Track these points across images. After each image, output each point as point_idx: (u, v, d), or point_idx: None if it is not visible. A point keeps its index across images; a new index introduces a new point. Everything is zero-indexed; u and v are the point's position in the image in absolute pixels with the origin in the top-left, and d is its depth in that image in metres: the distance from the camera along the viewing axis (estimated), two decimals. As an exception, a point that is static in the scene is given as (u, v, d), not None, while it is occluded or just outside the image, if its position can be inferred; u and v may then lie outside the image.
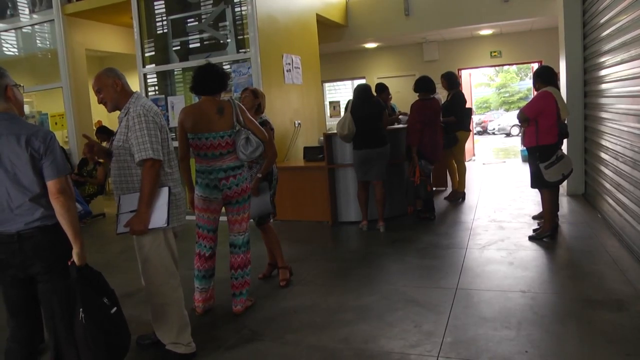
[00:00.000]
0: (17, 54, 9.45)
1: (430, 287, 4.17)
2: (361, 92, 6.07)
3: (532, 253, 4.85)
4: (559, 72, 6.90)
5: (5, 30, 9.24)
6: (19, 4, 9.03)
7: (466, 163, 7.99)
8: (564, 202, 6.67)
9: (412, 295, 4.00)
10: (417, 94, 6.45)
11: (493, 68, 28.37)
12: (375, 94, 6.50)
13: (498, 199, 7.45)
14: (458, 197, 7.52)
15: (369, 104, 5.95)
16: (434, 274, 4.49)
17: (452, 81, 7.45)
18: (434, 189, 6.77)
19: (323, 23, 9.46)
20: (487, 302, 3.77)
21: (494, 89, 37.17)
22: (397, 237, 5.78)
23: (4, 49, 9.52)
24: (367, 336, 3.35)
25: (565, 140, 5.80)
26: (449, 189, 7.97)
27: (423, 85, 6.40)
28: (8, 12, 9.09)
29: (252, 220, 4.09)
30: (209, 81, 3.66)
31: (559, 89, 5.42)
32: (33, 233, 2.46)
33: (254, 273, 4.18)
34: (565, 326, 3.31)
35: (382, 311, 3.73)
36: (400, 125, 6.97)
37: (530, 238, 5.22)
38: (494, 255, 4.82)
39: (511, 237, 5.39)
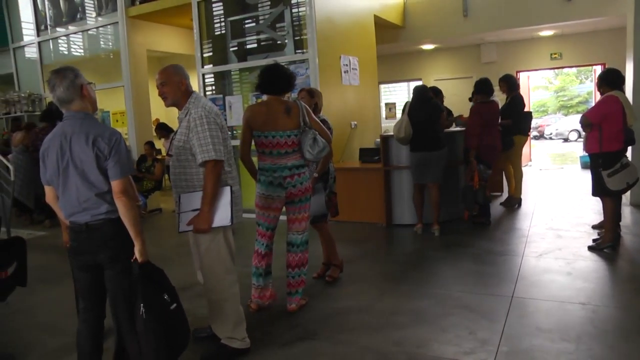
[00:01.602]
0: (82, 54, 9.93)
1: (485, 294, 4.12)
2: (419, 94, 6.03)
3: (592, 264, 4.70)
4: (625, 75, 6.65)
5: (74, 33, 9.72)
6: (87, 8, 9.47)
7: (523, 168, 7.81)
8: (626, 212, 6.43)
9: (467, 301, 3.96)
10: (476, 96, 6.36)
11: (552, 70, 27.47)
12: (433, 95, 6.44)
13: (556, 206, 7.26)
14: (514, 203, 7.36)
15: (427, 106, 5.91)
16: (489, 280, 4.43)
17: (511, 84, 7.30)
18: (491, 194, 6.66)
19: (380, 24, 9.44)
20: (544, 312, 3.69)
21: (552, 92, 35.97)
22: (451, 241, 5.73)
23: (72, 50, 10.01)
24: (420, 340, 3.35)
25: (630, 148, 5.59)
26: (505, 195, 7.81)
27: (483, 88, 6.31)
28: (78, 16, 9.58)
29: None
30: (276, 81, 3.72)
31: (624, 93, 5.24)
32: (99, 225, 2.61)
33: (308, 272, 4.24)
34: (630, 343, 3.19)
35: (435, 316, 3.72)
36: (458, 128, 6.88)
37: (590, 248, 5.06)
38: (551, 265, 4.71)
39: (569, 246, 5.24)
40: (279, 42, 7.44)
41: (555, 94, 35.56)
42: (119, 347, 2.69)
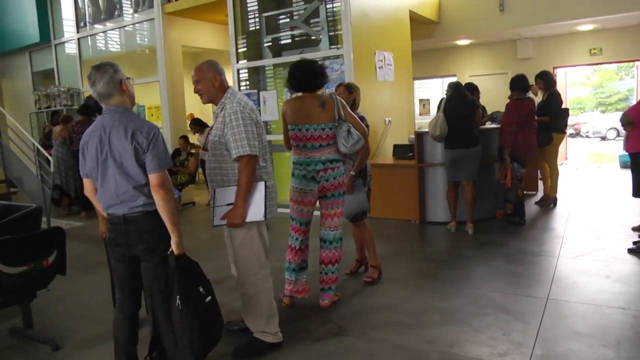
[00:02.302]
0: (119, 50, 10.14)
1: (519, 294, 4.05)
2: (454, 91, 5.96)
3: (632, 267, 4.57)
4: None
5: (111, 29, 9.94)
6: (124, 5, 9.66)
7: (559, 167, 7.64)
8: (669, 214, 6.24)
9: (500, 301, 3.90)
10: (512, 93, 6.25)
11: (590, 67, 26.72)
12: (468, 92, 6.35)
13: (593, 206, 7.09)
14: (549, 202, 7.21)
15: (462, 103, 5.83)
16: (523, 281, 4.35)
17: (548, 81, 7.14)
18: (524, 192, 6.55)
19: (415, 19, 9.34)
20: (581, 315, 3.60)
21: (589, 89, 35.00)
22: (485, 240, 5.65)
23: (109, 45, 10.24)
24: (452, 340, 3.32)
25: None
26: (540, 193, 7.67)
27: (518, 84, 6.20)
28: (116, 13, 9.80)
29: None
30: (311, 78, 3.73)
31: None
32: (136, 217, 2.67)
33: (341, 268, 4.25)
34: (674, 351, 3.07)
35: (468, 315, 3.68)
36: (493, 125, 6.78)
37: (630, 251, 4.92)
38: (588, 267, 4.60)
39: (607, 248, 5.11)
40: (313, 37, 7.44)
41: (593, 90, 34.59)
42: (154, 337, 2.74)
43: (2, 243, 3.48)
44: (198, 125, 8.74)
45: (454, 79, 10.17)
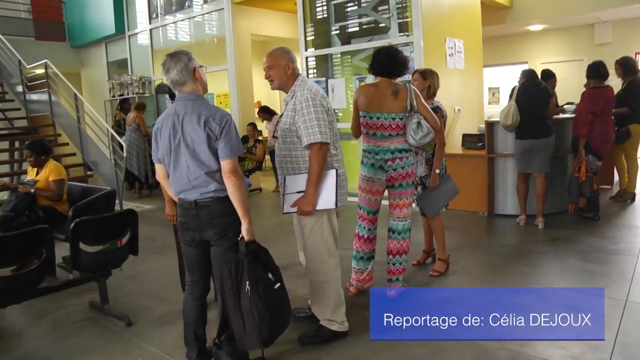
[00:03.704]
0: (189, 40, 10.41)
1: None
2: (527, 79, 5.71)
3: None
4: None
5: (182, 20, 10.21)
6: (194, -4, 9.93)
7: (639, 160, 7.20)
8: None
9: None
10: (588, 81, 5.92)
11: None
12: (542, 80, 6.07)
13: (677, 203, 6.64)
14: (627, 197, 6.80)
15: (536, 92, 5.58)
16: (599, 280, 4.12)
17: (628, 67, 6.67)
18: (599, 186, 6.23)
19: (487, 4, 9.02)
20: (666, 320, 3.37)
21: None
22: (556, 235, 5.40)
23: (179, 36, 10.54)
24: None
25: None
26: (616, 188, 7.25)
27: (597, 71, 5.85)
28: (186, 4, 10.07)
29: (414, 206, 4.07)
30: (390, 64, 3.66)
31: None
32: (208, 202, 2.71)
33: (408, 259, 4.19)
34: None
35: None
36: (567, 115, 6.46)
37: None
38: (673, 267, 4.31)
39: (693, 247, 4.77)
40: (382, 24, 7.33)
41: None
42: (223, 320, 2.78)
43: (82, 223, 3.65)
44: (266, 112, 8.85)
45: (525, 67, 9.73)
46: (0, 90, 10.80)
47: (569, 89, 9.03)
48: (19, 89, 10.38)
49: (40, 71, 9.73)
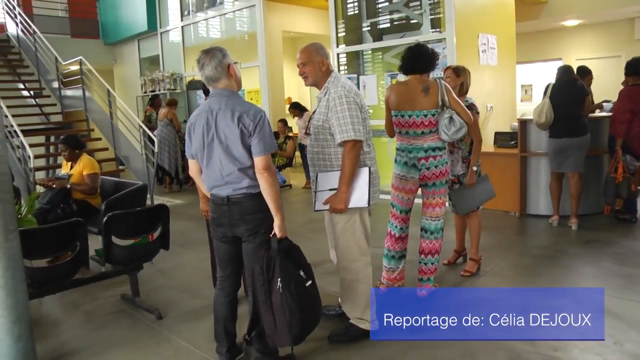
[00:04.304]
0: (220, 37, 10.48)
1: (632, 300, 3.72)
2: (563, 75, 5.57)
3: None
4: None
5: (213, 17, 10.29)
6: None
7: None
8: None
9: (610, 306, 3.57)
10: (627, 78, 5.74)
11: None
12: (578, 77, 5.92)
13: None
14: (667, 199, 6.60)
15: (572, 89, 5.44)
16: (636, 286, 3.99)
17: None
18: (637, 187, 6.05)
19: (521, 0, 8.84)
20: None
21: None
22: (591, 237, 5.27)
23: (210, 32, 10.63)
24: (557, 343, 3.11)
25: None
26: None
27: (636, 68, 5.67)
28: (217, 1, 10.15)
29: (447, 205, 4.02)
30: (415, 61, 3.63)
31: None
32: (240, 198, 2.70)
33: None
34: None
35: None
36: (604, 114, 6.29)
37: None
38: None
39: None
40: (414, 21, 7.26)
41: None
42: (254, 317, 2.78)
43: (114, 217, 3.71)
44: (297, 109, 8.85)
45: (559, 63, 9.51)
46: (38, 86, 11.08)
47: (605, 87, 8.78)
48: (55, 85, 10.63)
49: (75, 68, 9.94)
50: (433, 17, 7.04)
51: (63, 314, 4.06)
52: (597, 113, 6.37)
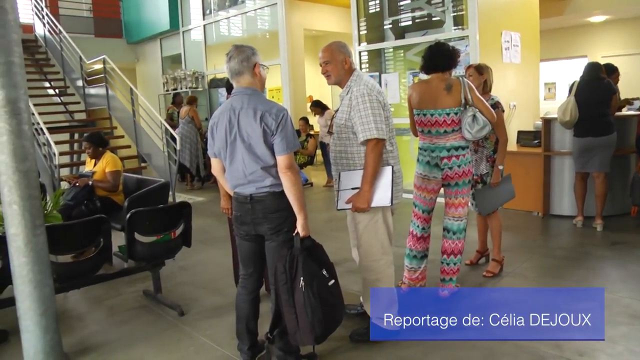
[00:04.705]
0: (241, 35, 10.53)
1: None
2: (590, 73, 5.46)
3: None
4: None
5: (234, 15, 10.34)
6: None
7: None
8: None
9: (639, 310, 3.53)
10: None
11: None
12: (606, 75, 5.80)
13: None
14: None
15: (598, 87, 5.34)
16: (666, 290, 3.90)
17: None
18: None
19: (545, -4, 8.70)
20: None
21: None
22: (617, 239, 5.16)
23: (232, 31, 10.69)
24: (583, 347, 3.05)
25: None
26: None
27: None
28: (239, 0, 10.20)
29: (470, 205, 3.98)
30: (438, 58, 3.60)
31: None
32: (263, 197, 2.70)
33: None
34: None
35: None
36: (632, 112, 6.16)
37: None
38: None
39: None
40: (436, 18, 7.19)
41: None
42: (276, 315, 2.79)
43: (137, 214, 3.75)
44: (318, 107, 8.85)
45: (584, 61, 9.34)
46: (63, 85, 11.27)
47: (632, 84, 8.61)
48: (79, 83, 10.81)
49: (99, 66, 10.08)
50: (455, 14, 6.98)
51: (87, 308, 4.12)
52: (625, 111, 6.24)
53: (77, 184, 5.09)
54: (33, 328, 2.94)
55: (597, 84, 5.35)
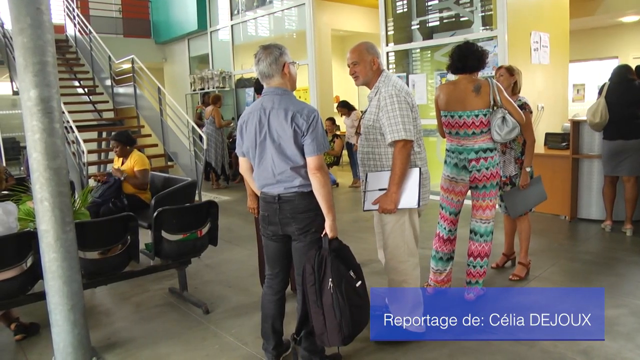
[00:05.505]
0: (268, 35, 10.57)
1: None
2: (620, 75, 5.35)
3: None
4: None
5: (262, 16, 10.40)
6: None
7: None
8: None
9: None
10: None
11: None
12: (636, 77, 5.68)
13: None
14: None
15: (629, 89, 5.22)
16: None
17: None
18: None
19: (576, -4, 8.54)
20: None
21: None
22: (647, 244, 5.05)
23: (259, 31, 10.75)
24: (611, 355, 2.99)
25: None
26: None
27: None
28: (267, 0, 10.25)
29: (498, 207, 3.93)
30: (464, 60, 3.56)
31: None
32: (291, 197, 2.70)
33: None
34: None
35: (630, 329, 3.28)
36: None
37: None
38: None
39: None
40: (464, 18, 7.13)
41: None
42: (302, 316, 2.79)
43: (164, 212, 3.79)
44: (345, 107, 8.85)
45: (614, 62, 9.13)
46: (92, 84, 11.47)
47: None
48: (108, 82, 10.99)
49: (127, 66, 10.24)
50: (484, 14, 6.90)
51: (114, 304, 4.19)
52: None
53: (110, 177, 5.17)
54: (62, 322, 3.00)
55: (628, 86, 5.25)
